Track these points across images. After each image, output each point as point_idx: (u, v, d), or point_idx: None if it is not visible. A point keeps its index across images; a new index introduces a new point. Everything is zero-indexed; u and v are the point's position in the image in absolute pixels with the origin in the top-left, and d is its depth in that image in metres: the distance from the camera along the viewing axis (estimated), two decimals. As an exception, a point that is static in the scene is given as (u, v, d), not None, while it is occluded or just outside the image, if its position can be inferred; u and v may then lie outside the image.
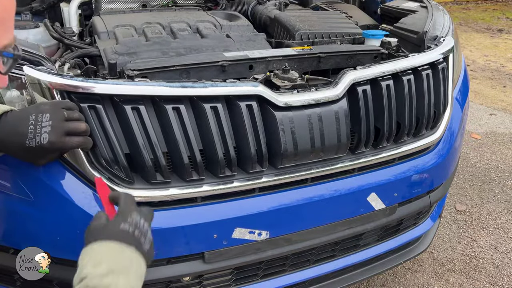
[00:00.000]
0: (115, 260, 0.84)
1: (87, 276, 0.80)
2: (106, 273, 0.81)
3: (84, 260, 0.84)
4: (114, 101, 1.16)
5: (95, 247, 0.86)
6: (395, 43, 1.70)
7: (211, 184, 1.26)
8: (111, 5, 2.07)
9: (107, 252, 0.85)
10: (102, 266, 0.82)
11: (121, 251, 0.86)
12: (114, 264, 0.83)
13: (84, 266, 0.82)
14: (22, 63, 1.17)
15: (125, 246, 0.86)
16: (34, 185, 1.16)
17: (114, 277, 0.81)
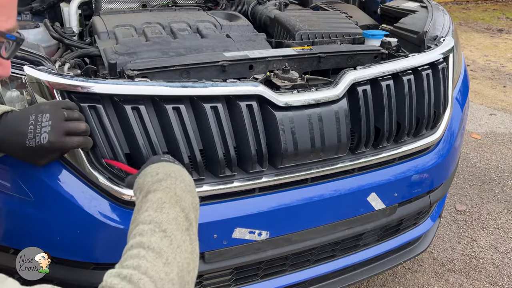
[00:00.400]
0: (169, 168, 0.92)
1: (146, 184, 0.88)
2: (164, 177, 0.88)
3: (141, 179, 0.92)
4: (114, 101, 1.16)
5: (148, 169, 0.93)
6: (395, 43, 1.70)
7: (211, 184, 1.27)
8: (111, 5, 2.07)
9: (160, 166, 0.93)
10: (159, 174, 0.90)
11: (171, 164, 0.95)
12: (169, 171, 0.91)
13: (144, 183, 0.90)
14: (22, 63, 1.17)
15: (172, 163, 0.97)
16: (34, 185, 1.16)
17: (172, 180, 0.88)
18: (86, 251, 1.23)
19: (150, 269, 0.74)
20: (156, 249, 0.77)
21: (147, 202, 0.85)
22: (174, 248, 0.79)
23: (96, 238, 1.22)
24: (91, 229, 1.19)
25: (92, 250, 1.24)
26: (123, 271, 0.72)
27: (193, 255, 0.83)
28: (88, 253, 1.23)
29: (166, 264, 0.76)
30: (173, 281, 0.76)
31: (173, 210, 0.84)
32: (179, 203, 0.86)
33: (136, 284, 0.70)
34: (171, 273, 0.76)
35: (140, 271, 0.73)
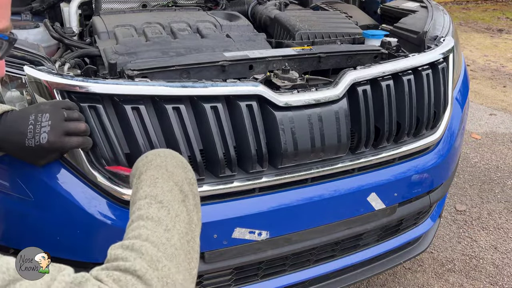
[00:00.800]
0: (158, 150, 0.96)
1: (138, 168, 0.92)
2: (153, 157, 0.92)
3: (133, 167, 0.95)
4: (114, 101, 1.16)
5: (139, 158, 0.96)
6: (395, 43, 1.70)
7: (211, 184, 1.27)
8: (111, 5, 2.07)
9: (149, 151, 0.97)
10: (149, 156, 0.93)
11: (159, 149, 0.98)
12: (158, 152, 0.95)
13: (136, 167, 0.94)
14: (22, 63, 1.17)
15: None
16: (34, 185, 1.16)
17: (162, 158, 0.91)
18: (86, 251, 1.23)
19: (151, 235, 0.75)
20: (155, 218, 0.78)
21: (141, 182, 0.87)
22: (173, 217, 0.80)
23: (96, 238, 1.22)
24: (91, 229, 1.19)
25: (92, 250, 1.24)
26: (125, 242, 0.73)
27: (191, 225, 0.83)
28: (88, 253, 1.23)
29: (166, 231, 0.77)
30: (176, 246, 0.76)
31: (166, 184, 0.85)
32: (172, 178, 0.87)
33: (139, 251, 0.71)
34: (172, 238, 0.77)
35: (141, 239, 0.73)
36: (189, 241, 0.81)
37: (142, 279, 0.67)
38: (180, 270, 0.75)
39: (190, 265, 0.78)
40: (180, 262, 0.76)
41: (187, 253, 0.79)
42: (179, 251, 0.77)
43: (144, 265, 0.69)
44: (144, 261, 0.70)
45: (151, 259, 0.70)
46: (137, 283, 0.66)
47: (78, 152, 1.14)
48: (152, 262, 0.70)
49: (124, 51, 1.49)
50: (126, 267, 0.68)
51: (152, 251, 0.72)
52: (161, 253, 0.73)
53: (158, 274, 0.69)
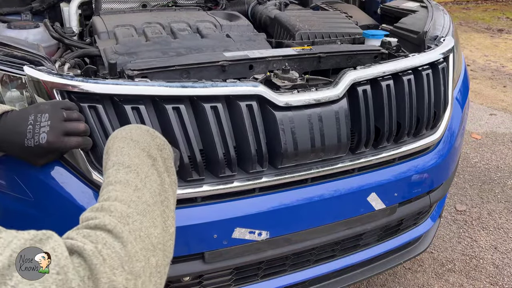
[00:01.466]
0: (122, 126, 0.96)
1: (106, 145, 0.92)
2: (118, 132, 0.92)
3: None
4: (114, 101, 1.16)
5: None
6: (395, 43, 1.70)
7: (211, 184, 1.26)
8: (111, 5, 2.07)
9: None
10: (114, 132, 0.94)
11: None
12: (122, 127, 0.95)
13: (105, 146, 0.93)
14: (22, 63, 1.17)
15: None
16: (34, 185, 1.16)
17: (126, 130, 0.92)
18: (86, 251, 1.23)
19: (120, 195, 0.74)
20: (123, 181, 0.77)
21: (108, 155, 0.87)
22: (142, 178, 0.79)
23: (96, 238, 1.22)
24: (91, 229, 1.19)
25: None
26: (94, 206, 0.73)
27: (163, 186, 0.83)
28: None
29: (136, 190, 0.76)
30: (148, 203, 0.75)
31: (133, 151, 0.85)
32: (138, 145, 0.87)
33: (108, 209, 0.70)
34: (143, 196, 0.76)
35: (110, 199, 0.73)
36: (163, 201, 0.80)
37: (112, 233, 0.66)
38: (156, 224, 0.74)
39: (166, 223, 0.77)
40: (154, 217, 0.74)
41: (162, 212, 0.78)
42: (152, 207, 0.75)
43: (114, 220, 0.68)
44: (114, 217, 0.69)
45: (120, 215, 0.69)
46: (107, 236, 0.65)
47: (78, 152, 1.14)
48: (122, 217, 0.69)
49: (124, 51, 1.49)
50: (96, 223, 0.67)
51: (122, 208, 0.71)
52: (132, 209, 0.72)
53: (129, 228, 0.68)
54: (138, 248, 0.67)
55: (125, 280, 0.63)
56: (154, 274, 0.69)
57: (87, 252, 0.61)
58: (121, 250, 0.64)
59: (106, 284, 0.60)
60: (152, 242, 0.70)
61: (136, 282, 0.64)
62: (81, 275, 0.59)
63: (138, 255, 0.66)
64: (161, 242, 0.73)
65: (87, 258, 0.61)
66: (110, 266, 0.62)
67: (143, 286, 0.66)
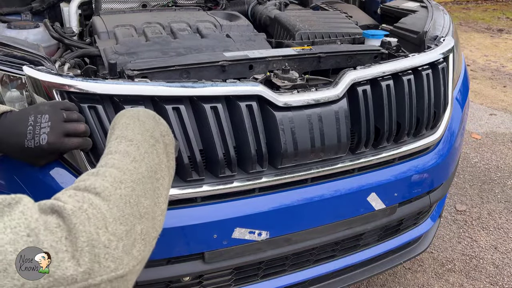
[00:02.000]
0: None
1: (112, 124, 0.93)
2: (125, 112, 0.94)
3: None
4: (114, 101, 1.16)
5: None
6: (395, 43, 1.70)
7: (211, 184, 1.26)
8: (111, 5, 2.07)
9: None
10: (121, 111, 0.96)
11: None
12: (130, 109, 0.97)
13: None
14: (22, 63, 1.17)
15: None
16: (34, 185, 1.16)
17: (134, 111, 0.94)
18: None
19: (117, 163, 0.74)
20: (123, 152, 0.78)
21: (113, 129, 0.88)
22: (142, 153, 0.80)
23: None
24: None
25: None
26: (91, 170, 0.73)
27: (161, 165, 0.83)
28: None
29: (134, 161, 0.77)
30: (143, 175, 0.75)
31: (138, 128, 0.87)
32: (143, 125, 0.88)
33: (102, 175, 0.70)
34: (140, 168, 0.76)
35: (107, 166, 0.73)
36: (158, 179, 0.80)
37: (100, 195, 0.66)
38: (147, 196, 0.74)
39: (158, 199, 0.77)
40: (147, 190, 0.75)
41: (156, 188, 0.78)
42: (147, 180, 0.76)
43: (105, 184, 0.68)
44: (107, 182, 0.69)
45: (114, 180, 0.70)
46: (94, 198, 0.65)
47: (78, 152, 1.14)
48: (115, 182, 0.70)
49: (124, 51, 1.49)
50: (86, 185, 0.67)
51: (117, 174, 0.71)
52: (127, 176, 0.72)
53: (121, 192, 0.69)
54: (126, 212, 0.68)
55: (107, 240, 0.63)
56: (138, 240, 0.69)
57: (67, 212, 0.61)
58: (106, 211, 0.65)
59: (85, 242, 0.60)
60: (140, 210, 0.71)
61: (117, 244, 0.64)
62: (58, 236, 0.59)
63: (124, 218, 0.67)
64: (149, 213, 0.73)
65: (66, 218, 0.61)
66: (94, 225, 0.62)
67: (125, 249, 0.65)
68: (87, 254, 0.60)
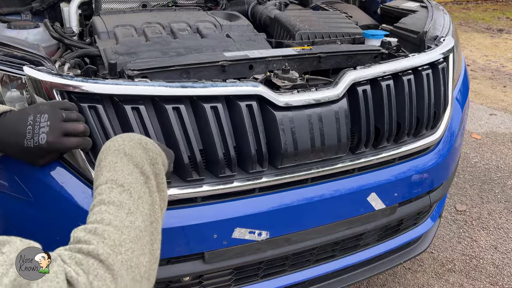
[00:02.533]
0: (115, 136, 0.94)
1: (98, 157, 0.91)
2: (111, 143, 0.91)
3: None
4: (114, 101, 1.16)
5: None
6: (395, 43, 1.70)
7: (211, 184, 1.26)
8: (111, 5, 2.07)
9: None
10: (107, 143, 0.93)
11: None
12: (115, 137, 0.94)
13: (97, 157, 0.92)
14: (22, 63, 1.17)
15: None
16: (34, 185, 1.16)
17: (119, 141, 0.90)
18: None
19: (114, 220, 0.74)
20: (117, 202, 0.78)
21: (101, 169, 0.86)
22: (135, 200, 0.80)
23: (96, 238, 1.22)
24: (91, 229, 1.19)
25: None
26: (87, 226, 0.73)
27: (154, 206, 0.84)
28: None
29: (129, 214, 0.77)
30: (140, 228, 0.76)
31: (126, 167, 0.85)
32: (131, 160, 0.86)
33: (101, 235, 0.71)
34: (136, 221, 0.77)
35: (103, 223, 0.73)
36: (152, 222, 0.81)
37: (104, 264, 0.67)
38: (145, 252, 0.76)
39: (153, 246, 0.79)
40: (144, 244, 0.76)
41: (151, 234, 0.79)
42: (143, 233, 0.77)
43: (107, 250, 0.69)
44: (107, 245, 0.70)
45: (113, 244, 0.71)
46: (99, 267, 0.67)
47: (77, 152, 1.14)
48: (115, 246, 0.70)
49: (124, 51, 1.49)
50: (89, 250, 0.68)
51: (115, 236, 0.72)
52: (125, 236, 0.73)
53: (122, 258, 0.70)
54: (128, 279, 0.70)
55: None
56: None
57: (80, 285, 0.63)
58: (111, 283, 0.67)
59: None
60: (141, 272, 0.73)
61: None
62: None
63: (127, 287, 0.69)
64: (147, 271, 0.75)
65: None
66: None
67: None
68: None
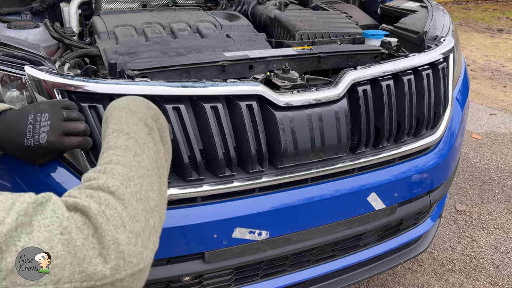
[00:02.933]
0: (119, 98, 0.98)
1: (104, 117, 0.94)
2: (115, 103, 0.95)
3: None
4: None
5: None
6: (395, 43, 1.70)
7: (211, 184, 1.26)
8: (111, 5, 2.07)
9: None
10: (111, 103, 0.96)
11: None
12: (118, 99, 0.97)
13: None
14: (22, 63, 1.17)
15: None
16: (34, 185, 1.15)
17: (123, 101, 0.95)
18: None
19: (122, 159, 0.77)
20: (123, 147, 0.81)
21: (107, 123, 0.89)
22: (141, 145, 0.83)
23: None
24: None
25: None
26: (97, 167, 0.76)
27: (159, 154, 0.87)
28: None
29: (136, 155, 0.80)
30: (147, 168, 0.79)
31: (131, 119, 0.88)
32: (135, 115, 0.90)
33: (110, 172, 0.73)
34: (143, 161, 0.80)
35: (112, 163, 0.76)
36: (159, 167, 0.84)
37: (114, 194, 0.69)
38: (154, 188, 0.78)
39: (161, 188, 0.81)
40: (153, 182, 0.78)
41: (159, 178, 0.82)
42: (151, 172, 0.79)
43: (116, 183, 0.71)
44: (116, 179, 0.72)
45: (123, 178, 0.73)
46: (110, 197, 0.69)
47: (78, 152, 1.14)
48: (124, 180, 0.73)
49: (124, 51, 1.49)
50: (99, 184, 0.70)
51: (124, 171, 0.74)
52: (133, 173, 0.75)
53: (131, 190, 0.72)
54: (139, 209, 0.71)
55: (127, 238, 0.66)
56: (152, 233, 0.73)
57: (93, 211, 0.65)
58: (122, 211, 0.68)
59: (111, 241, 0.64)
60: (150, 204, 0.74)
61: (136, 240, 0.68)
62: (86, 233, 0.63)
63: (139, 216, 0.71)
64: (158, 205, 0.77)
65: (92, 217, 0.64)
66: (113, 225, 0.65)
67: (143, 244, 0.69)
68: (113, 252, 0.64)
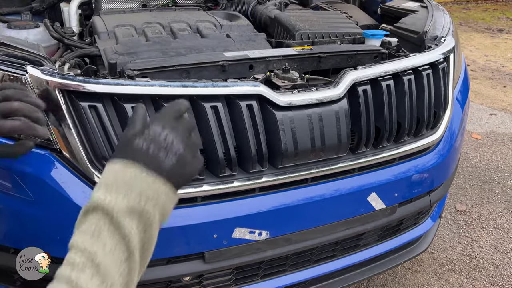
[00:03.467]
0: (122, 176, 0.75)
1: (93, 193, 0.76)
2: (109, 188, 0.76)
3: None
4: (114, 100, 1.16)
5: (106, 168, 0.78)
6: (396, 43, 1.70)
7: (211, 183, 1.26)
8: (111, 5, 2.07)
9: (118, 170, 0.76)
10: (107, 182, 0.77)
11: (129, 168, 0.75)
12: (119, 180, 0.75)
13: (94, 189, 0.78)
14: (22, 63, 1.17)
15: (134, 163, 0.74)
16: (34, 184, 1.15)
17: (117, 195, 0.74)
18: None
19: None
20: (89, 275, 0.67)
21: (85, 222, 0.75)
22: (107, 286, 0.68)
23: (96, 238, 1.22)
24: (91, 229, 1.19)
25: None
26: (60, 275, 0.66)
27: (128, 285, 0.71)
28: (88, 253, 1.23)
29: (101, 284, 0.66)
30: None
31: (110, 240, 0.70)
32: (119, 230, 0.71)
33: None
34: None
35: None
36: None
37: None
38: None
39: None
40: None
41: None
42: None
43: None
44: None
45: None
46: None
47: (78, 151, 1.14)
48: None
49: (124, 51, 1.48)
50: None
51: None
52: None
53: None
54: None
55: None
56: None
57: None
58: None
59: None
60: None
61: None
62: None
63: None
64: None
65: None
66: None
67: None
68: None
